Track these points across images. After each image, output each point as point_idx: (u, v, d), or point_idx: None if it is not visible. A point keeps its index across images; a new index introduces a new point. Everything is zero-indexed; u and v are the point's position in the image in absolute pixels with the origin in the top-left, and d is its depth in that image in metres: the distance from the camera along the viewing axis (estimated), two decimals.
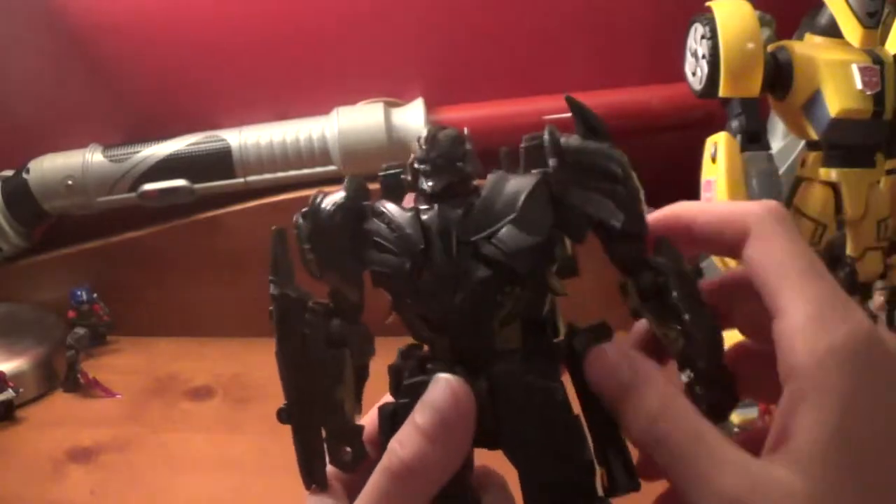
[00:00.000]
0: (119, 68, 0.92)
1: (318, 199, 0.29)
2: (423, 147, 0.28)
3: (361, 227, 0.28)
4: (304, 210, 0.29)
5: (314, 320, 0.29)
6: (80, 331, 0.83)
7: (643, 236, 0.28)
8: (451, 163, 0.27)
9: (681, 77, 0.67)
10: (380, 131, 0.85)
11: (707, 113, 0.77)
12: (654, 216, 0.29)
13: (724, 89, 0.61)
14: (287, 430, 0.31)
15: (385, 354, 0.31)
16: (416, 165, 0.28)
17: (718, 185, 0.61)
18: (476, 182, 0.28)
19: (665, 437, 0.25)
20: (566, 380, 0.28)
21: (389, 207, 0.28)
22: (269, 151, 0.86)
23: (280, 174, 0.87)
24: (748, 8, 0.61)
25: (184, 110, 0.91)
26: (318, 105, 0.88)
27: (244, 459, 0.68)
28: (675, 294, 0.27)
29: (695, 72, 0.65)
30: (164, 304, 0.92)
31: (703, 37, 0.62)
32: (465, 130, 0.29)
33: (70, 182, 0.87)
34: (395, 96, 0.90)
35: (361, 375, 0.30)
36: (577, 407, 0.28)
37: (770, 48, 0.62)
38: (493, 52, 0.91)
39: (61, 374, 0.81)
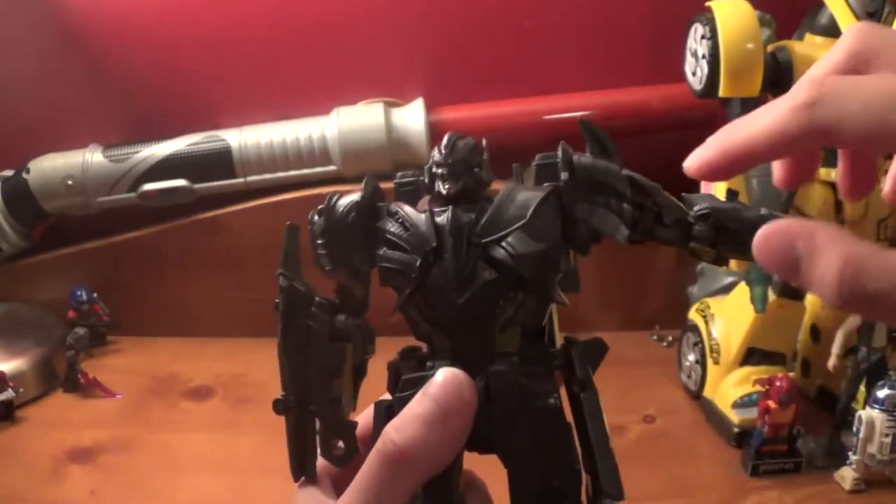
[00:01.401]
0: (119, 68, 0.92)
1: (335, 198, 0.30)
2: (443, 152, 0.29)
3: (375, 225, 0.29)
4: (319, 207, 0.31)
5: (320, 314, 0.30)
6: (80, 331, 0.83)
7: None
8: (469, 168, 0.29)
9: (681, 77, 0.67)
10: (380, 131, 0.85)
11: (707, 113, 0.77)
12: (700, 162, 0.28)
13: (724, 89, 0.61)
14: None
15: (383, 356, 0.31)
16: (433, 169, 0.29)
17: (718, 186, 0.61)
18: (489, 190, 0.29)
19: (868, 281, 0.23)
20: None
21: (405, 208, 0.29)
22: (269, 151, 0.86)
23: (280, 174, 0.87)
24: (748, 8, 0.61)
25: (184, 110, 0.91)
26: (318, 105, 0.88)
27: (244, 459, 0.68)
28: (731, 224, 0.28)
29: (695, 72, 0.65)
30: (164, 304, 0.92)
31: (703, 37, 0.62)
32: (484, 141, 0.30)
33: (70, 182, 0.87)
34: (395, 96, 0.90)
35: (359, 373, 0.31)
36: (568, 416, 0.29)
37: (770, 48, 0.62)
38: (493, 52, 0.91)
39: (61, 374, 0.81)
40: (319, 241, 0.30)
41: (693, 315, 0.74)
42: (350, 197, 0.30)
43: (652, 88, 0.88)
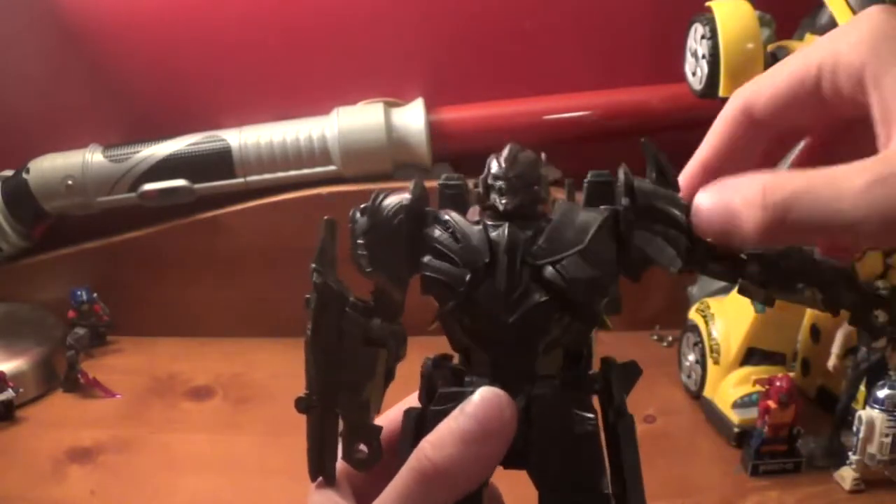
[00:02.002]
0: (119, 68, 0.92)
1: (380, 197, 0.29)
2: (503, 164, 0.28)
3: (420, 231, 0.29)
4: (362, 206, 0.29)
5: (355, 316, 0.29)
6: (80, 331, 0.83)
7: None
8: (528, 184, 0.28)
9: (681, 77, 0.67)
10: (380, 131, 0.85)
11: (707, 113, 0.77)
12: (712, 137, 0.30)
13: (724, 89, 0.61)
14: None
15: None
16: (490, 181, 0.28)
17: None
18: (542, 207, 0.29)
19: (792, 197, 0.25)
20: None
21: (455, 217, 0.28)
22: (269, 151, 0.86)
23: (280, 174, 0.87)
24: (748, 8, 0.61)
25: (184, 110, 0.91)
26: (318, 105, 0.88)
27: (244, 459, 0.68)
28: (782, 262, 0.28)
29: (695, 72, 0.65)
30: (164, 304, 0.92)
31: (703, 37, 0.62)
32: (543, 155, 0.29)
33: (70, 182, 0.87)
34: (395, 96, 0.90)
35: (388, 377, 0.30)
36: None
37: (770, 48, 0.62)
38: (493, 52, 0.91)
39: (61, 374, 0.81)
40: (360, 241, 0.29)
41: (693, 315, 0.74)
42: (397, 197, 0.29)
43: (652, 88, 0.88)
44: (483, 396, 0.27)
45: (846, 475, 0.60)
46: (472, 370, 0.29)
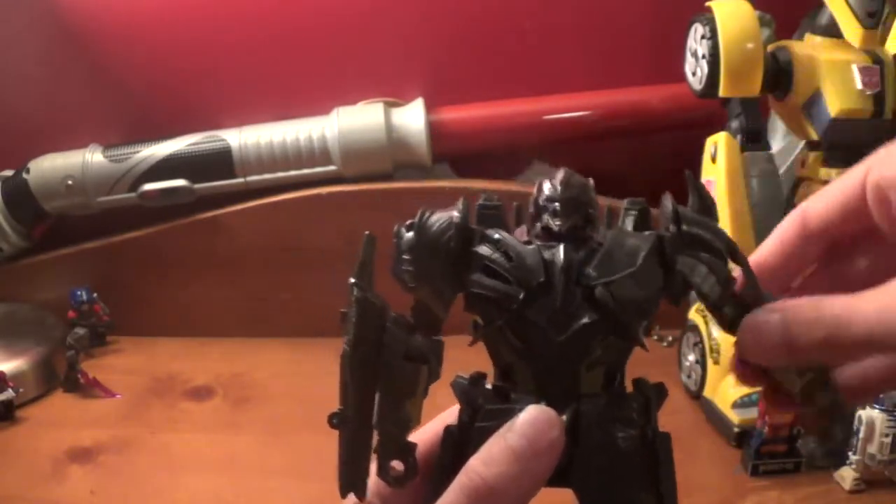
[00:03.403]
0: (119, 68, 0.92)
1: (427, 214, 0.30)
2: (557, 187, 0.29)
3: (468, 249, 0.29)
4: (409, 222, 0.30)
5: (397, 331, 0.29)
6: (80, 331, 0.83)
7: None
8: (581, 206, 0.29)
9: (681, 77, 0.67)
10: (380, 131, 0.85)
11: (707, 113, 0.77)
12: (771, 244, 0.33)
13: (724, 89, 0.61)
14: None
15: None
16: (544, 202, 0.29)
17: (718, 186, 0.61)
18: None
19: (816, 330, 0.28)
20: None
21: (506, 236, 0.29)
22: (269, 151, 0.86)
23: (280, 174, 0.87)
24: (748, 8, 0.61)
25: (184, 110, 0.91)
26: (318, 105, 0.88)
27: (244, 459, 0.68)
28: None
29: (695, 72, 0.65)
30: (164, 304, 0.92)
31: (703, 37, 0.62)
32: (591, 181, 0.30)
33: (70, 182, 0.87)
34: (395, 96, 0.90)
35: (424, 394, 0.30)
36: None
37: (770, 48, 0.62)
38: (493, 52, 0.91)
39: (61, 374, 0.81)
40: (406, 257, 0.29)
41: (693, 315, 0.74)
42: (445, 214, 0.29)
43: (652, 88, 0.88)
44: (532, 414, 0.27)
45: (846, 475, 0.60)
46: (515, 388, 0.29)
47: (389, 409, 0.29)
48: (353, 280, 0.29)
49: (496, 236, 0.29)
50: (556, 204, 0.28)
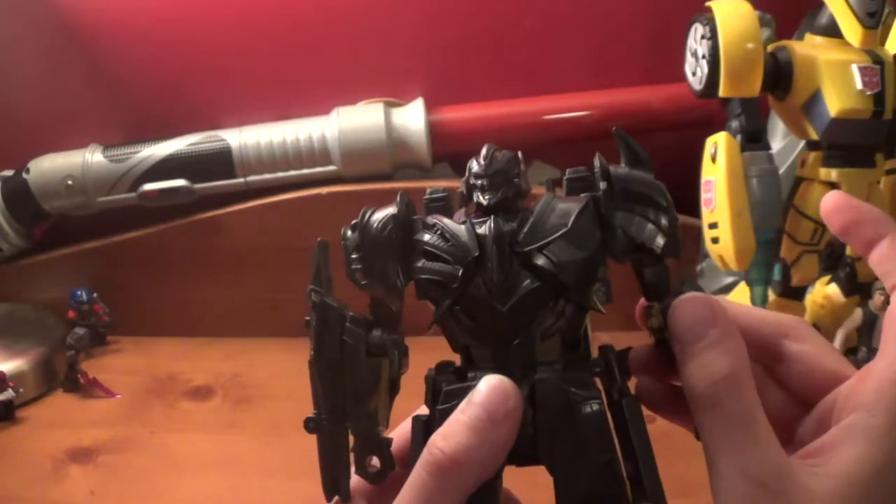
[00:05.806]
0: (119, 68, 0.92)
1: (369, 213, 0.31)
2: (482, 163, 0.29)
3: (410, 238, 0.30)
4: (353, 222, 0.31)
5: (355, 329, 0.30)
6: (80, 331, 0.83)
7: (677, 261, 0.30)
8: (508, 179, 0.29)
9: (681, 77, 0.67)
10: (380, 131, 0.85)
11: (707, 113, 0.77)
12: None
13: (724, 89, 0.61)
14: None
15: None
16: (472, 181, 0.29)
17: (718, 186, 0.61)
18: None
19: (722, 404, 0.27)
20: None
21: (442, 219, 0.30)
22: (269, 151, 0.86)
23: (280, 174, 0.87)
24: (748, 8, 0.61)
25: (184, 110, 0.91)
26: (318, 105, 0.88)
27: (244, 459, 0.68)
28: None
29: (695, 72, 0.65)
30: (164, 304, 0.92)
31: (703, 37, 0.62)
32: (520, 153, 0.30)
33: (70, 182, 0.87)
34: (395, 96, 0.90)
35: (393, 388, 0.31)
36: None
37: (770, 48, 0.62)
38: (493, 52, 0.91)
39: (61, 374, 0.81)
40: (354, 256, 0.30)
41: None
42: (385, 211, 0.30)
43: (652, 88, 0.88)
44: (487, 384, 0.27)
45: None
46: (473, 367, 0.29)
47: (357, 406, 0.30)
48: (310, 286, 0.30)
49: (432, 221, 0.30)
50: (484, 180, 0.29)
